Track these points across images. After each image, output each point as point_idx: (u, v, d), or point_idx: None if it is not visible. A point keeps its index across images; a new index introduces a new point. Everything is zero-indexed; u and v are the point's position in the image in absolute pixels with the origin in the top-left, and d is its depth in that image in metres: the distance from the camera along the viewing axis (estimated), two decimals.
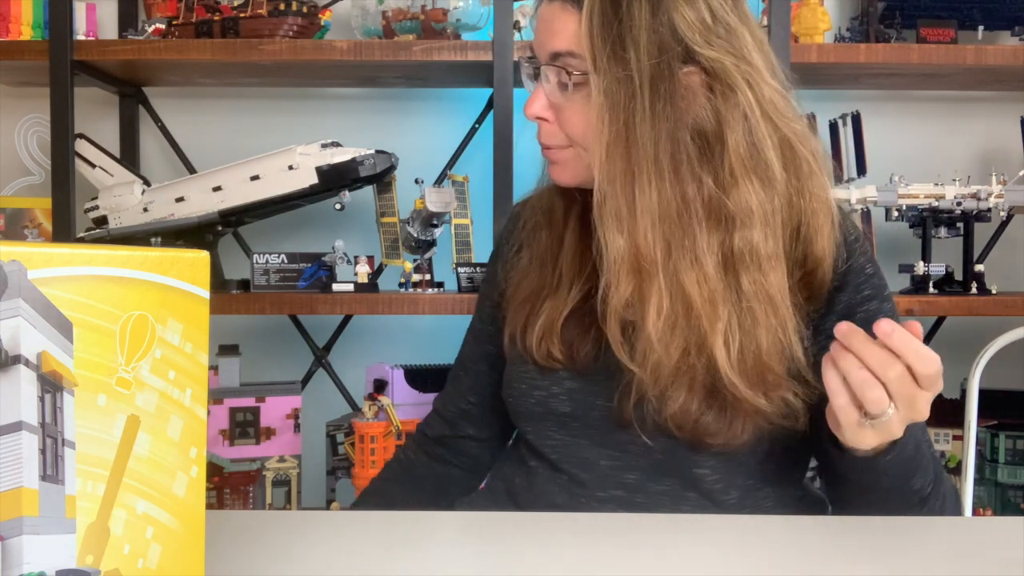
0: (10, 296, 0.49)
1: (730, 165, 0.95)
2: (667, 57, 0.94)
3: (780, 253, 0.97)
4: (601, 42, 0.95)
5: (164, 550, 0.54)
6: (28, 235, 2.02)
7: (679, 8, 0.94)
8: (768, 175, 0.96)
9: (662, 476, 1.02)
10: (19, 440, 0.50)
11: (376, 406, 1.69)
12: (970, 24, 1.95)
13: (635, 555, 0.78)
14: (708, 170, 0.96)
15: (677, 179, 0.95)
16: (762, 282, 0.95)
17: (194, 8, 1.87)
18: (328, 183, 1.77)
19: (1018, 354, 1.59)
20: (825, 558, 0.78)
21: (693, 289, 0.94)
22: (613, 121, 0.95)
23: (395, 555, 0.76)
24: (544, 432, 1.08)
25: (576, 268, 1.06)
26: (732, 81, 0.94)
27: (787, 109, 0.98)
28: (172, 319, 0.54)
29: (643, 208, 0.94)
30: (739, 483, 1.02)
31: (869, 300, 1.02)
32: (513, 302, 1.10)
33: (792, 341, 0.96)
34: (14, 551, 0.50)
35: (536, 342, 1.05)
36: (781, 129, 0.97)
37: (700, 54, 0.94)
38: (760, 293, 0.95)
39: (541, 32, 1.02)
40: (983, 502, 1.92)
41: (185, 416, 0.55)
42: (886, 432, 0.84)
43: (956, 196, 1.84)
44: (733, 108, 0.94)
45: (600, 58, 0.95)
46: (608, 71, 0.95)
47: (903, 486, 0.94)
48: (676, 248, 0.95)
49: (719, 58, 0.94)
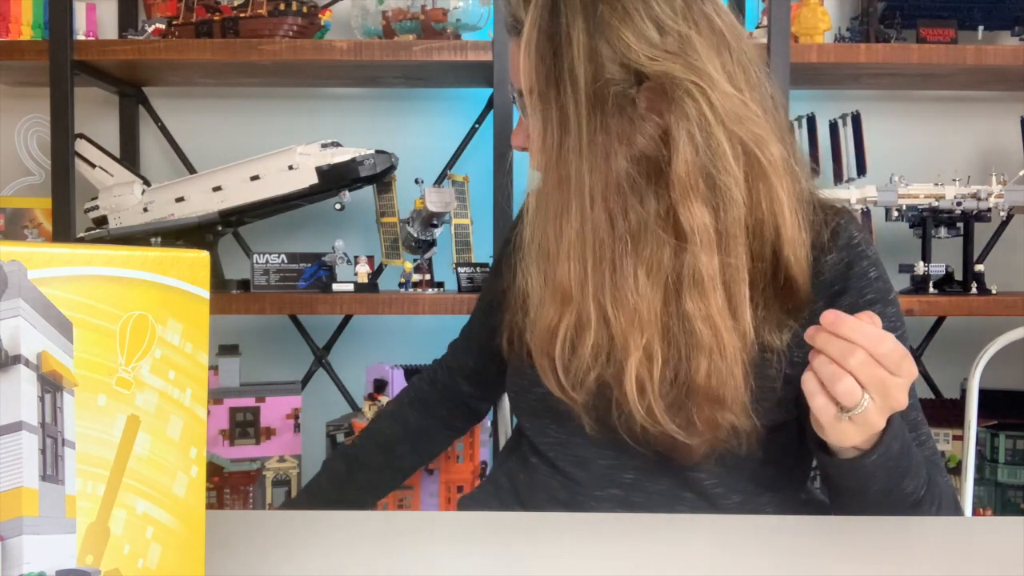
0: (10, 296, 0.49)
1: (674, 188, 0.92)
2: (604, 83, 0.92)
3: (737, 269, 0.94)
4: (536, 77, 0.95)
5: (164, 550, 0.54)
6: (28, 235, 2.02)
7: (617, 30, 0.92)
8: (723, 188, 0.93)
9: (659, 476, 1.03)
10: (19, 440, 0.50)
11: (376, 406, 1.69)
12: (970, 24, 1.95)
13: (635, 555, 0.78)
14: (650, 194, 0.94)
15: (605, 209, 0.93)
16: (705, 304, 0.93)
17: (194, 8, 1.87)
18: (328, 183, 1.77)
19: (1018, 354, 1.59)
20: (825, 558, 0.78)
21: (613, 317, 0.94)
22: (546, 156, 0.95)
23: (395, 555, 0.76)
24: (543, 429, 1.08)
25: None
26: (678, 94, 0.92)
27: (746, 113, 0.95)
28: (172, 319, 0.54)
29: (568, 242, 0.94)
30: (739, 488, 1.02)
31: (872, 304, 1.00)
32: (512, 303, 1.10)
33: (732, 364, 0.94)
34: (14, 551, 0.50)
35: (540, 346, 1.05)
36: (739, 135, 0.94)
37: (645, 72, 0.92)
38: (702, 315, 0.93)
39: (510, 68, 1.04)
40: (983, 502, 1.92)
41: (185, 416, 0.55)
42: (866, 425, 0.84)
43: (956, 196, 1.84)
44: (682, 120, 0.92)
45: (534, 94, 0.95)
46: (540, 108, 0.95)
47: (894, 489, 0.93)
48: (602, 279, 0.94)
49: (665, 71, 0.92)
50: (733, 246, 0.94)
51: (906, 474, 0.94)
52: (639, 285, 0.94)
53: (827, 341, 0.82)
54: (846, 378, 0.81)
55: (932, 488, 0.97)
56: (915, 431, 1.01)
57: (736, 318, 0.94)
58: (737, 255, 0.94)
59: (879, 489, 0.93)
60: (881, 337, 0.81)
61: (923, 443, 1.03)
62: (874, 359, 0.81)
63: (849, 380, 0.81)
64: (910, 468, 0.94)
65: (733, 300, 0.94)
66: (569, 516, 0.92)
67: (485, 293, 1.27)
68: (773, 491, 1.05)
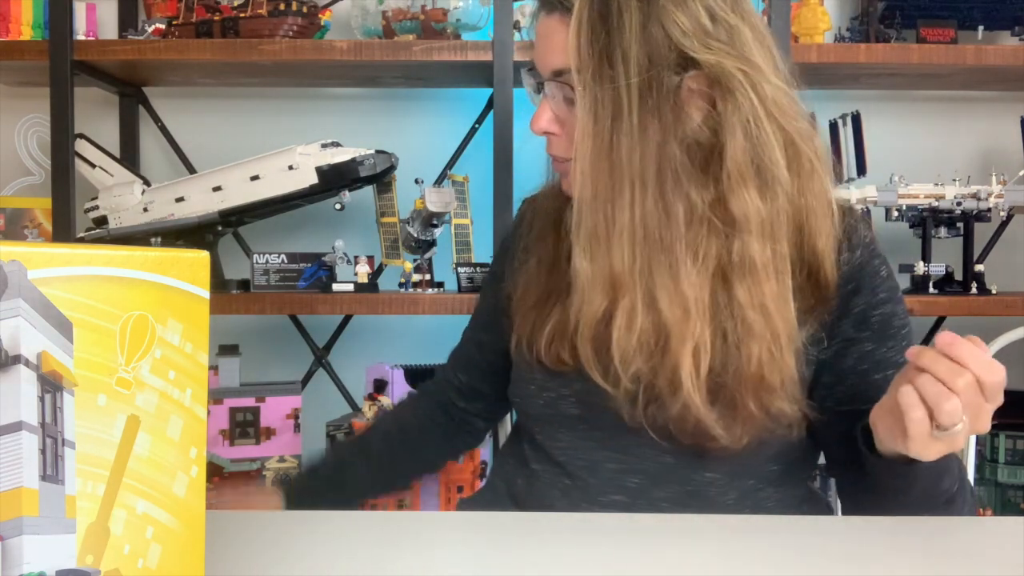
0: (10, 296, 0.49)
1: (728, 174, 0.93)
2: (659, 68, 0.92)
3: (784, 258, 0.96)
4: (587, 58, 0.93)
5: (164, 550, 0.54)
6: (28, 235, 2.02)
7: (672, 15, 0.92)
8: (771, 178, 0.94)
9: (665, 482, 1.02)
10: (19, 440, 0.50)
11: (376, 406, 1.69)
12: (970, 24, 1.95)
13: (635, 554, 0.78)
14: (703, 182, 0.95)
15: (661, 195, 0.93)
16: (758, 291, 0.94)
17: (194, 8, 1.87)
18: (328, 183, 1.77)
19: (1018, 354, 1.58)
20: (825, 558, 0.78)
21: (665, 305, 0.94)
22: (597, 138, 0.93)
23: (395, 555, 0.76)
24: (553, 434, 1.07)
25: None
26: (732, 84, 0.92)
27: (791, 107, 0.97)
28: (172, 319, 0.54)
29: (620, 227, 0.93)
30: (738, 484, 1.02)
31: (884, 303, 1.01)
32: (521, 307, 1.09)
33: (784, 351, 0.95)
34: (14, 551, 0.50)
35: (546, 346, 1.04)
36: (785, 128, 0.96)
37: (698, 59, 0.92)
38: (755, 302, 0.94)
39: (541, 47, 1.00)
40: (983, 502, 1.92)
41: (185, 416, 0.55)
42: (953, 444, 0.85)
43: (956, 196, 1.84)
44: (735, 112, 0.93)
45: (585, 74, 0.94)
46: (592, 87, 0.93)
47: (934, 488, 0.94)
48: (654, 265, 0.94)
49: (718, 61, 0.92)
50: (780, 235, 0.95)
51: (946, 472, 0.94)
52: (690, 272, 0.94)
53: (936, 360, 0.82)
54: (953, 399, 0.81)
55: (964, 484, 0.98)
56: None
57: (786, 305, 0.95)
58: (783, 244, 0.95)
59: (922, 488, 0.93)
60: (993, 367, 0.82)
61: None
62: (978, 384, 0.82)
63: (956, 401, 0.81)
64: (950, 466, 0.94)
65: (782, 288, 0.95)
66: (569, 516, 0.92)
67: (482, 308, 1.25)
68: (775, 487, 1.05)
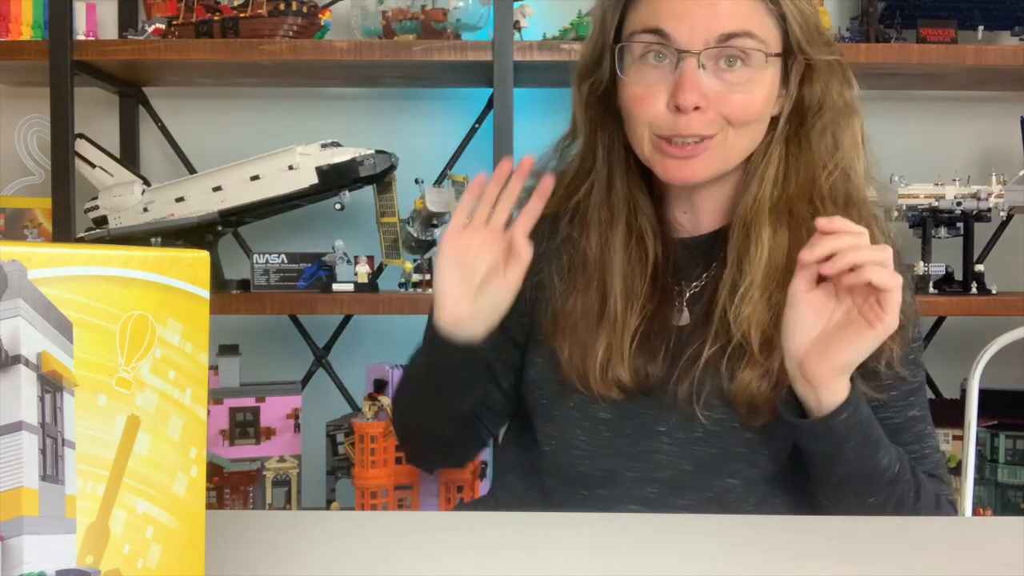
0: (10, 296, 0.49)
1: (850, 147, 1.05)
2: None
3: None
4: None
5: (164, 550, 0.54)
6: (28, 235, 2.02)
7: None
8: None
9: (684, 489, 1.01)
10: (19, 440, 0.50)
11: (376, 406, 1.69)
12: (970, 24, 1.95)
13: (638, 554, 0.78)
14: None
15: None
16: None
17: (194, 8, 1.87)
18: (328, 183, 1.77)
19: (1018, 354, 1.58)
20: (826, 558, 0.78)
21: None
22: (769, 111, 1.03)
23: (395, 555, 0.76)
24: (571, 441, 1.04)
25: (628, 289, 1.03)
26: (850, 74, 1.08)
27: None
28: (172, 319, 0.54)
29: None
30: (757, 491, 1.02)
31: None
32: (557, 328, 1.05)
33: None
34: (14, 551, 0.50)
35: (599, 372, 1.01)
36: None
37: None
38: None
39: (705, 17, 0.97)
40: (983, 502, 1.91)
41: (185, 416, 0.55)
42: (865, 342, 0.90)
43: (956, 196, 1.84)
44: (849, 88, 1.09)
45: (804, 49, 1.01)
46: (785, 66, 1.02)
47: (868, 461, 0.95)
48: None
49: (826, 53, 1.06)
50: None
51: (879, 446, 0.96)
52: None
53: (837, 238, 0.88)
54: (886, 248, 0.88)
55: (911, 471, 0.99)
56: (919, 442, 1.05)
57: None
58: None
59: (855, 457, 0.94)
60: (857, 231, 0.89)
61: (926, 456, 1.05)
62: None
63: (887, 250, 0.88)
64: (881, 441, 0.96)
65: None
66: (570, 516, 0.92)
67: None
68: (787, 493, 1.04)
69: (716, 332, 1.00)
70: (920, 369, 1.06)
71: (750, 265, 0.99)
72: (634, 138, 1.02)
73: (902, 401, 1.04)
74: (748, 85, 0.98)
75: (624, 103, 1.01)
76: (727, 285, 1.00)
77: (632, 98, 1.00)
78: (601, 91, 1.05)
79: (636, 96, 0.99)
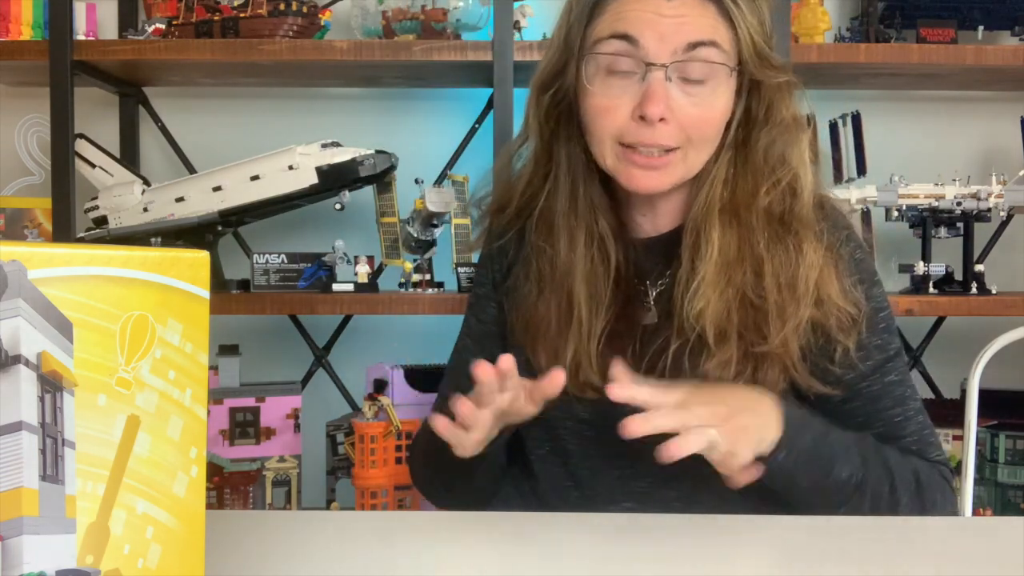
0: (10, 296, 0.49)
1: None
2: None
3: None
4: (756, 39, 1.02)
5: (164, 550, 0.54)
6: (28, 235, 2.02)
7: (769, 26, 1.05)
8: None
9: (673, 480, 1.02)
10: (19, 440, 0.50)
11: (376, 406, 1.69)
12: (970, 24, 1.95)
13: (635, 554, 0.78)
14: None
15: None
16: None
17: (194, 8, 1.87)
18: (328, 183, 1.77)
19: (1018, 354, 1.58)
20: (826, 558, 0.78)
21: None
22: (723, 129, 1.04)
23: (395, 555, 0.76)
24: (559, 442, 1.06)
25: (592, 294, 1.05)
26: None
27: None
28: (172, 319, 0.54)
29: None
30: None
31: (859, 284, 1.04)
32: (529, 334, 1.08)
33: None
34: (14, 551, 0.50)
35: (569, 376, 1.00)
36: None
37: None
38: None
39: (672, 26, 0.98)
40: (983, 502, 1.91)
41: (185, 416, 0.55)
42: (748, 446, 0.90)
43: (956, 196, 1.84)
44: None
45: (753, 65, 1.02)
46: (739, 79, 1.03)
47: (825, 480, 0.96)
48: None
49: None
50: None
51: (833, 463, 0.97)
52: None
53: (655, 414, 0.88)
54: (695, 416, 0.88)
55: (885, 465, 1.00)
56: (901, 405, 1.06)
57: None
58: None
59: (810, 485, 0.95)
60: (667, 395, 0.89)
61: (908, 419, 1.06)
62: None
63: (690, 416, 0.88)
64: (835, 455, 0.97)
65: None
66: (569, 516, 0.92)
67: (486, 320, 1.22)
68: None
69: (678, 328, 1.02)
70: (893, 336, 1.07)
71: (702, 263, 1.02)
72: (597, 148, 1.03)
73: (879, 369, 1.05)
74: (710, 99, 1.00)
75: (588, 113, 1.02)
76: (683, 283, 1.03)
77: (596, 108, 1.01)
78: (562, 101, 1.06)
79: (601, 107, 1.00)
